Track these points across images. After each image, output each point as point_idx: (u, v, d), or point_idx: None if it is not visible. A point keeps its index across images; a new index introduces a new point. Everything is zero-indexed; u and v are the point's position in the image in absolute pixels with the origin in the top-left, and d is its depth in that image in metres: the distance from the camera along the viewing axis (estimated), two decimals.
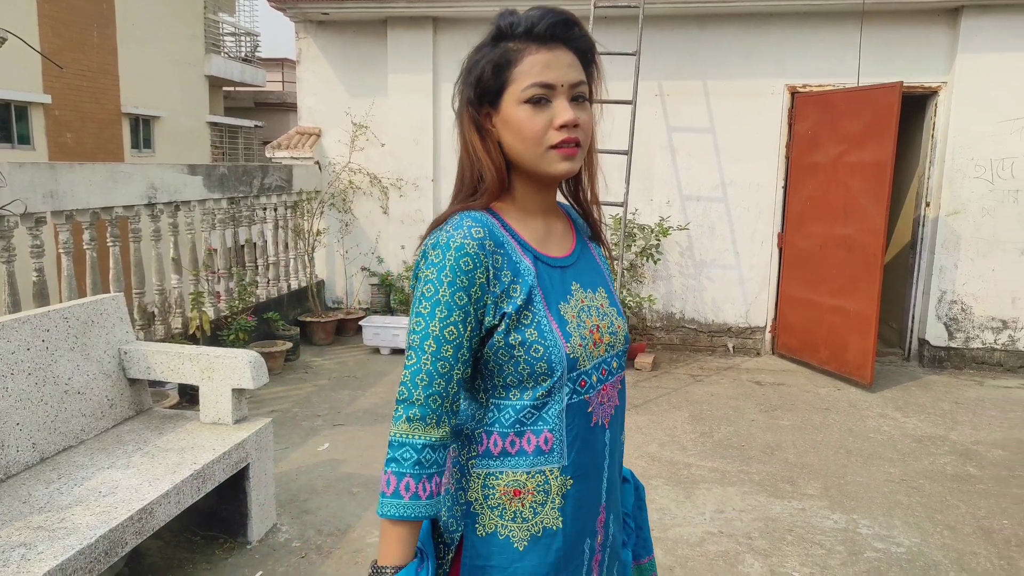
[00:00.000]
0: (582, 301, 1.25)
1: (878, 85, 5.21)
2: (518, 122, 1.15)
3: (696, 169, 6.26)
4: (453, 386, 1.15)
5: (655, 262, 6.14)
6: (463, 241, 1.13)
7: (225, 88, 18.46)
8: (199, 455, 2.72)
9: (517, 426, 1.19)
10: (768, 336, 6.35)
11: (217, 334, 5.09)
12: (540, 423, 1.19)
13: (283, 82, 20.89)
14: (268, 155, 6.79)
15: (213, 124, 16.82)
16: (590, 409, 1.23)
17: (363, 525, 3.21)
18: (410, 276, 6.83)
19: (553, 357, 1.16)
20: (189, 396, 4.39)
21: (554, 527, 1.20)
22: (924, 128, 6.05)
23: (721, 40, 6.08)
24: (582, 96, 1.18)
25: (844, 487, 3.70)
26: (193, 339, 4.83)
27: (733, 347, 6.40)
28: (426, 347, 1.13)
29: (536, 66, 1.14)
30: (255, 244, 6.03)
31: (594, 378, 1.23)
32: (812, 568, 2.93)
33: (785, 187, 6.09)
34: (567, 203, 1.37)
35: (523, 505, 1.19)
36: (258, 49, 19.04)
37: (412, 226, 6.69)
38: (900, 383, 5.55)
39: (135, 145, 14.08)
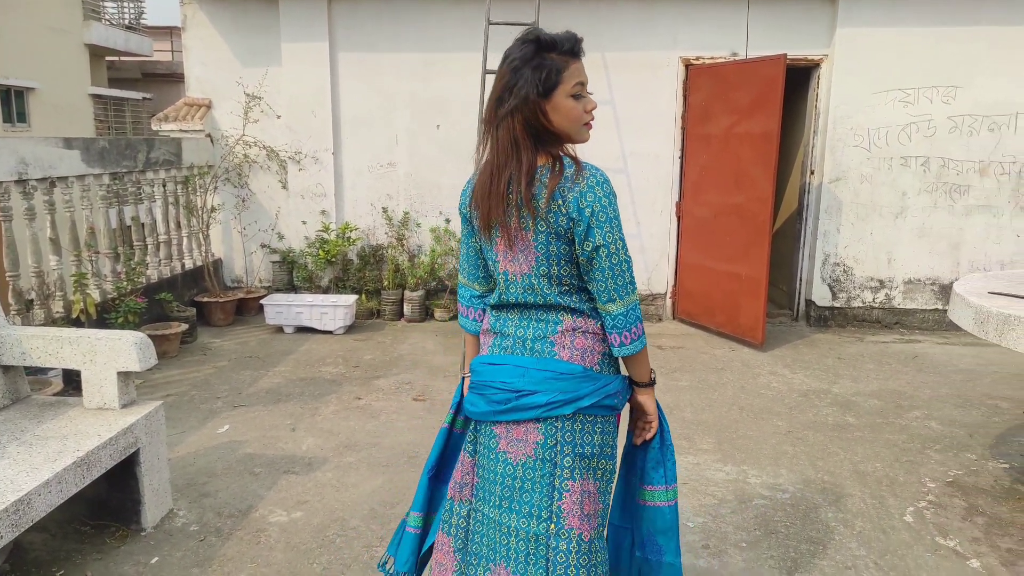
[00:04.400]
0: None
1: (764, 57, 5.43)
2: (568, 109, 1.68)
3: (598, 141, 6.28)
4: None
5: None
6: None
7: (108, 58, 17.27)
8: (83, 442, 2.59)
9: None
10: (669, 302, 6.57)
11: (104, 317, 4.82)
12: None
13: (172, 51, 19.73)
14: (154, 128, 6.43)
15: (96, 96, 15.73)
16: None
17: (265, 504, 3.15)
18: (312, 252, 6.59)
19: None
20: (75, 383, 4.15)
21: None
22: (808, 99, 6.35)
23: (618, 12, 6.16)
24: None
25: (736, 441, 3.90)
26: (77, 323, 4.57)
27: None
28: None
29: (576, 72, 1.68)
30: (143, 223, 5.72)
31: None
32: (705, 517, 3.09)
33: (682, 157, 6.27)
34: None
35: None
36: (143, 16, 17.89)
37: (313, 200, 6.51)
38: (789, 342, 5.88)
39: (7, 119, 13.01)
